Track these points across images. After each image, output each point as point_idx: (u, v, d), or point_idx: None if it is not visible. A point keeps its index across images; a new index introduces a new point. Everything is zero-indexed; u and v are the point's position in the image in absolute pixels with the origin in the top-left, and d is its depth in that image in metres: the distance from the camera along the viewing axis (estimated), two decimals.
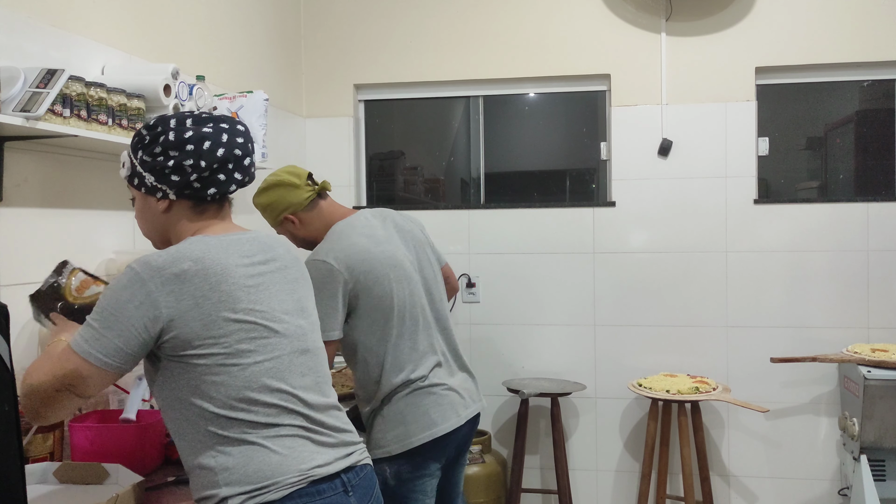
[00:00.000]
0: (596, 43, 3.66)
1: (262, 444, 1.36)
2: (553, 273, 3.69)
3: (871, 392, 2.98)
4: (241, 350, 1.35)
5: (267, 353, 1.39)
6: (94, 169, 2.19)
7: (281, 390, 1.39)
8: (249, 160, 1.54)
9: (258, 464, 1.34)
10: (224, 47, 3.06)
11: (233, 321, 1.35)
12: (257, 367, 1.37)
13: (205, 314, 1.33)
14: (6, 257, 1.86)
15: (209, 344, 1.34)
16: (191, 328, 1.33)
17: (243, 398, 1.34)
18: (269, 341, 1.39)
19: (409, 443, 2.03)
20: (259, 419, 1.36)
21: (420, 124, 4.09)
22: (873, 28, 3.45)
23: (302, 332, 1.48)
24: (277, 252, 1.54)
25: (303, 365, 1.45)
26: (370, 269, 2.05)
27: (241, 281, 1.39)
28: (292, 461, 1.37)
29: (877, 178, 3.61)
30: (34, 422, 1.36)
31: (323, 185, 2.22)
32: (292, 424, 1.39)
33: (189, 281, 1.34)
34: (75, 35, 2.13)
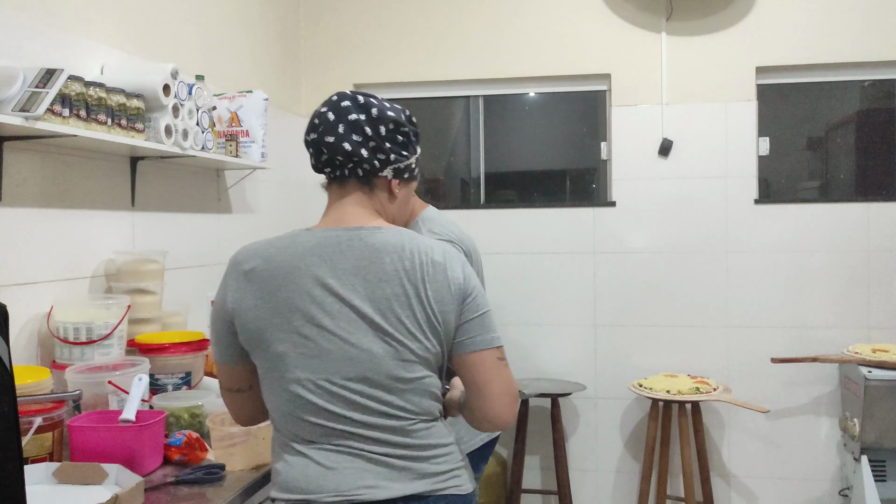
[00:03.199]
0: (596, 42, 3.66)
1: (309, 455, 1.33)
2: (553, 273, 3.69)
3: (871, 392, 2.98)
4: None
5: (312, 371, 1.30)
6: (93, 169, 2.19)
7: (327, 410, 1.31)
8: (310, 151, 1.58)
9: (298, 474, 1.33)
10: (224, 47, 3.05)
11: (284, 331, 1.30)
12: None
13: (260, 318, 1.32)
14: (6, 257, 1.86)
15: (261, 349, 1.32)
16: (247, 330, 1.32)
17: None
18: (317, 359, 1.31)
19: (472, 444, 2.02)
20: (304, 434, 1.33)
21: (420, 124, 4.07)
22: (874, 28, 3.45)
23: (368, 358, 1.31)
24: (378, 261, 1.33)
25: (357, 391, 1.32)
26: (474, 260, 2.05)
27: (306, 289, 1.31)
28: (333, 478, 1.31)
29: (877, 177, 3.61)
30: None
31: None
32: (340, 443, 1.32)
33: (253, 281, 1.35)
34: (74, 35, 2.12)
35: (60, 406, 1.64)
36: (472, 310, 1.35)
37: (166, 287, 2.33)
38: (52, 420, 1.60)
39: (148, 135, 2.17)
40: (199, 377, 2.16)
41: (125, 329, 2.01)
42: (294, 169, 3.77)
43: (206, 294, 2.85)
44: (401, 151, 1.41)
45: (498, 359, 1.35)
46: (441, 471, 1.36)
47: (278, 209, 3.55)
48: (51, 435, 1.61)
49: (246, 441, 1.70)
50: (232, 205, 3.08)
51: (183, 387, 2.08)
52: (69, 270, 2.08)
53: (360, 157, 1.37)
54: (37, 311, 1.95)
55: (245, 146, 2.81)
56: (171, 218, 2.62)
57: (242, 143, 2.81)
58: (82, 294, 2.12)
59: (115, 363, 1.87)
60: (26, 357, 1.92)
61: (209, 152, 2.50)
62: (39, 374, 1.69)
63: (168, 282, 2.36)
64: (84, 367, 1.83)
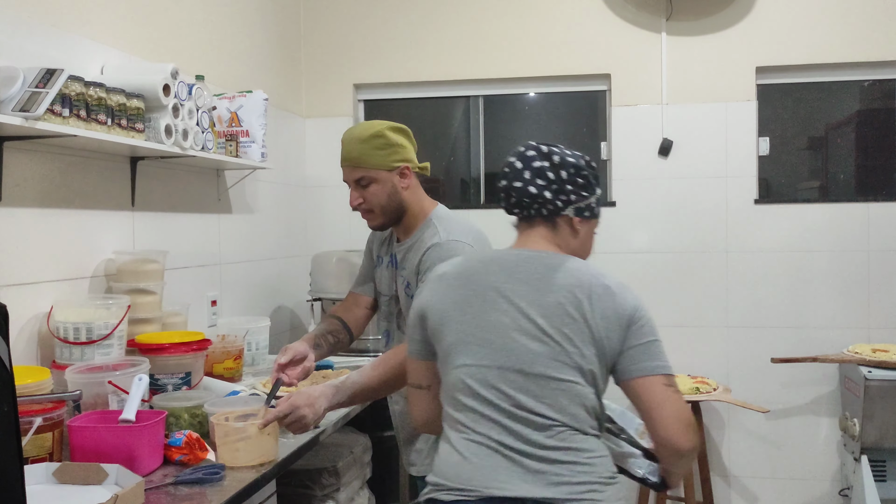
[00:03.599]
0: (596, 42, 3.66)
1: (454, 443, 1.46)
2: None
3: (871, 392, 2.98)
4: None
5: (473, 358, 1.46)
6: (93, 169, 2.19)
7: (480, 395, 1.44)
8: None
9: (442, 461, 1.47)
10: (224, 47, 3.06)
11: (458, 322, 1.49)
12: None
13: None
14: (6, 257, 1.86)
15: (440, 339, 1.52)
16: (432, 323, 1.52)
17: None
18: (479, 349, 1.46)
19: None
20: (459, 417, 1.46)
21: (420, 124, 4.08)
22: (873, 28, 3.45)
23: (525, 352, 1.43)
24: (551, 276, 1.48)
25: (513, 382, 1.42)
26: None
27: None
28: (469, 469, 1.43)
29: (877, 177, 3.61)
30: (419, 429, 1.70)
31: (426, 165, 2.04)
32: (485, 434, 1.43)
33: (442, 281, 1.55)
34: (74, 35, 2.12)
35: (60, 406, 1.64)
36: (637, 336, 1.44)
37: (166, 287, 2.33)
38: (52, 420, 1.60)
39: (148, 135, 2.17)
40: (199, 377, 2.16)
41: (125, 329, 2.01)
42: (294, 169, 3.77)
43: (207, 294, 2.85)
44: (581, 192, 1.57)
45: (665, 385, 1.43)
46: (578, 481, 1.39)
47: (278, 209, 3.55)
48: (51, 435, 1.61)
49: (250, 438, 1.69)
50: (232, 205, 3.08)
51: (183, 387, 2.08)
52: (69, 270, 2.08)
53: (545, 199, 1.54)
54: (37, 312, 1.95)
55: (245, 146, 2.81)
56: (171, 218, 2.62)
57: (242, 143, 2.81)
58: (82, 294, 2.12)
59: (115, 363, 1.87)
60: (26, 357, 1.92)
61: (209, 152, 2.50)
62: (39, 375, 1.69)
63: (168, 282, 2.36)
64: (84, 367, 1.83)
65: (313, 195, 3.91)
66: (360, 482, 2.77)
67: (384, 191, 1.95)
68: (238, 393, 2.12)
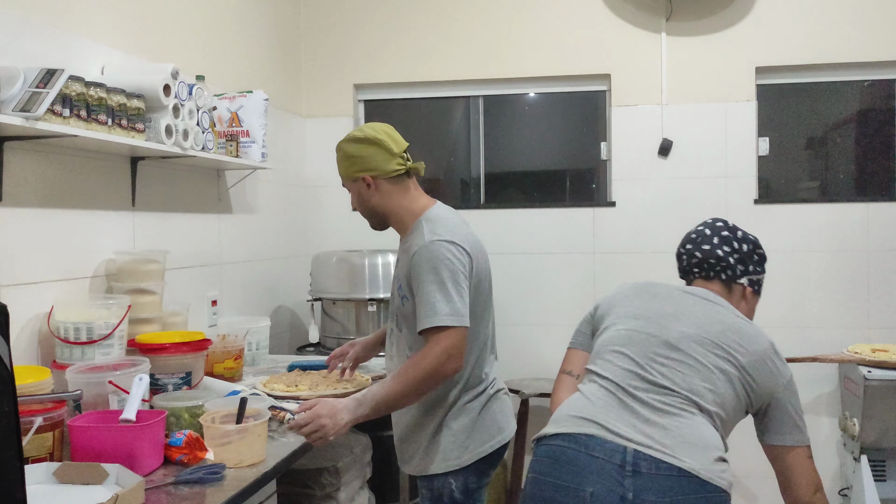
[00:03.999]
0: (596, 43, 3.66)
1: (580, 391, 1.73)
2: (553, 273, 3.69)
3: (871, 392, 2.98)
4: None
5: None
6: (93, 169, 2.19)
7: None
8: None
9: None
10: (224, 47, 3.06)
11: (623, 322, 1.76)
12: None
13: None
14: (6, 257, 1.86)
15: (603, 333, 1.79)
16: (600, 319, 1.87)
17: None
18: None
19: (481, 451, 1.93)
20: (595, 369, 1.71)
21: (420, 124, 4.08)
22: (873, 28, 3.45)
23: (679, 333, 1.65)
24: (720, 312, 1.71)
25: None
26: (481, 261, 1.96)
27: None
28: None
29: (877, 178, 3.61)
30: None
31: (416, 166, 2.04)
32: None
33: (627, 289, 1.86)
34: (75, 35, 2.13)
35: (61, 406, 1.64)
36: (787, 400, 1.64)
37: (167, 287, 2.33)
38: (52, 420, 1.61)
39: (148, 135, 2.18)
40: (199, 377, 2.16)
41: (125, 329, 2.02)
42: (294, 169, 3.77)
43: (207, 294, 2.85)
44: (756, 267, 1.81)
45: (807, 457, 1.63)
46: (676, 436, 1.53)
47: (278, 209, 3.55)
48: (51, 435, 1.61)
49: (242, 438, 1.70)
50: (232, 205, 3.08)
51: (183, 386, 2.08)
52: (70, 270, 2.08)
53: (728, 263, 1.77)
54: (37, 311, 1.96)
55: (245, 146, 2.82)
56: (172, 218, 2.63)
57: (243, 143, 2.81)
58: (83, 294, 2.13)
59: (115, 363, 1.87)
60: (27, 357, 1.92)
61: (209, 152, 2.50)
62: (40, 374, 1.69)
63: (168, 282, 2.36)
64: (84, 366, 1.83)
65: (313, 195, 3.91)
66: (360, 482, 2.77)
67: (355, 198, 2.04)
68: (238, 393, 2.12)
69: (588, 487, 1.48)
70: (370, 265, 3.20)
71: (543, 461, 1.59)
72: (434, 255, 1.82)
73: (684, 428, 1.54)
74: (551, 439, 1.61)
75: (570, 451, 1.54)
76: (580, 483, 1.49)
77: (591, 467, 1.50)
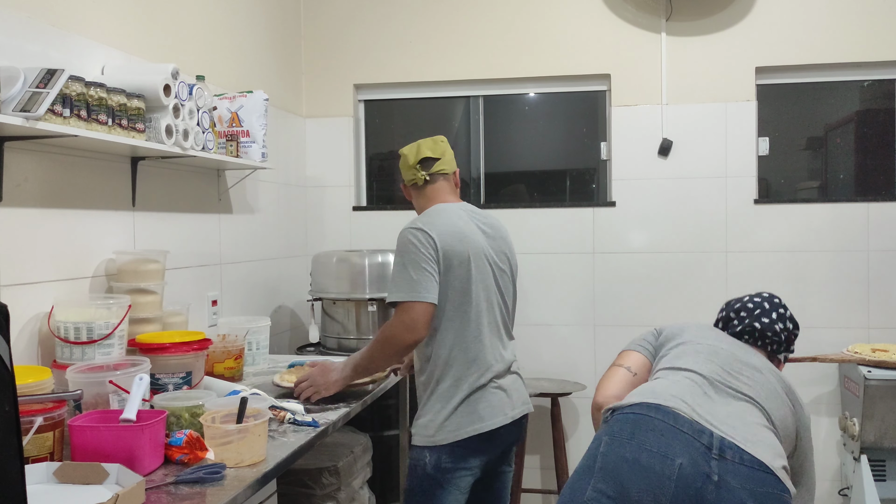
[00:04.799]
0: (596, 43, 3.66)
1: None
2: (553, 273, 3.69)
3: (871, 392, 2.98)
4: None
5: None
6: (94, 169, 2.19)
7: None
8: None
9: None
10: (224, 47, 3.06)
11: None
12: None
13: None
14: (6, 257, 1.86)
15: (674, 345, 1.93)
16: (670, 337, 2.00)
17: None
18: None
19: (455, 435, 2.05)
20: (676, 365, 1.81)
21: (420, 124, 4.08)
22: (873, 28, 3.45)
23: (749, 367, 1.78)
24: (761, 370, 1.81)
25: None
26: (460, 252, 2.07)
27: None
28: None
29: (877, 178, 3.61)
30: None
31: (434, 171, 2.26)
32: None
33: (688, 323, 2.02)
34: (75, 35, 2.13)
35: (61, 406, 1.64)
36: (806, 446, 1.78)
37: (167, 287, 2.34)
38: (52, 420, 1.61)
39: (148, 135, 2.18)
40: (199, 377, 2.16)
41: (126, 329, 2.02)
42: (294, 169, 3.78)
43: (207, 294, 2.85)
44: (791, 347, 1.96)
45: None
46: (745, 425, 1.61)
47: (278, 209, 3.55)
48: (51, 434, 1.61)
49: (242, 438, 1.70)
50: (232, 205, 3.08)
51: (183, 386, 2.08)
52: (70, 270, 2.08)
53: (780, 340, 1.92)
54: (38, 311, 1.96)
55: (245, 146, 2.82)
56: (172, 218, 2.63)
57: (243, 143, 2.81)
58: (83, 294, 2.13)
59: (115, 363, 1.87)
60: (27, 357, 1.92)
61: (210, 152, 2.50)
62: (40, 374, 1.69)
63: (168, 281, 2.36)
64: (85, 366, 1.83)
65: (313, 195, 3.91)
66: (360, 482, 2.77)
67: (410, 197, 2.36)
68: (239, 392, 2.12)
69: (677, 458, 1.48)
70: (370, 265, 3.20)
71: (624, 425, 1.57)
72: (401, 241, 2.08)
73: (760, 433, 1.59)
74: (633, 408, 1.61)
75: (657, 420, 1.55)
76: (668, 451, 1.49)
77: (679, 439, 1.51)
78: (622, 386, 1.86)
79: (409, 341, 2.02)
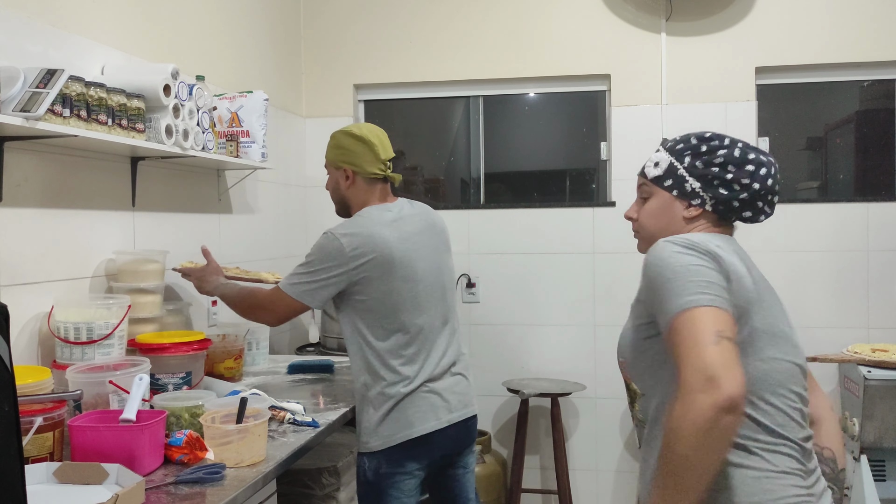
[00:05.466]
0: (596, 43, 3.66)
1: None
2: (553, 273, 3.69)
3: (871, 392, 2.98)
4: None
5: None
6: (93, 169, 2.19)
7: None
8: (776, 199, 1.58)
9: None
10: (224, 47, 3.06)
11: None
12: None
13: None
14: (6, 257, 1.86)
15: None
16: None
17: None
18: None
19: (386, 441, 2.06)
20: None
21: (420, 124, 4.08)
22: (873, 28, 3.45)
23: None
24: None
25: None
26: (384, 262, 2.05)
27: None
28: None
29: (877, 178, 3.61)
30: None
31: (393, 176, 2.22)
32: None
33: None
34: (75, 35, 2.13)
35: (61, 406, 1.64)
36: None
37: (167, 287, 2.33)
38: (52, 420, 1.61)
39: (148, 135, 2.18)
40: (199, 377, 2.16)
41: (126, 329, 2.02)
42: (294, 169, 3.77)
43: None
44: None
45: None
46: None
47: (278, 209, 3.55)
48: (51, 435, 1.61)
49: (242, 438, 1.70)
50: (232, 205, 3.08)
51: (183, 386, 2.08)
52: (70, 270, 2.08)
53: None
54: (37, 311, 1.96)
55: (245, 146, 2.82)
56: (172, 218, 2.63)
57: (243, 143, 2.81)
58: (83, 294, 2.13)
59: (115, 363, 1.87)
60: (27, 357, 1.92)
61: (209, 152, 2.50)
62: (40, 374, 1.69)
63: (168, 282, 2.36)
64: (85, 366, 1.83)
65: (313, 195, 3.91)
66: None
67: (331, 183, 2.28)
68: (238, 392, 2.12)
69: None
70: None
71: None
72: (318, 242, 2.13)
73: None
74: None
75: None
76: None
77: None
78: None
79: (261, 321, 2.22)
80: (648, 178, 1.52)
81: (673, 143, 1.52)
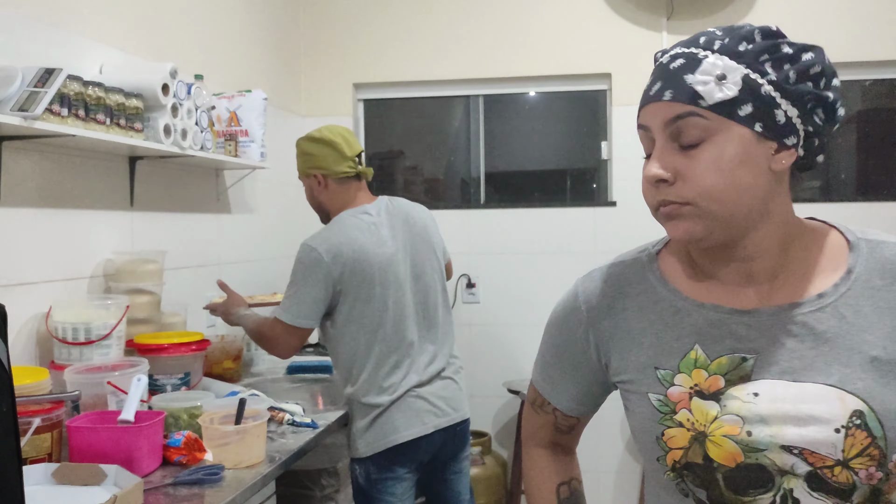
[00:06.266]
0: (597, 42, 3.66)
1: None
2: (553, 273, 3.68)
3: None
4: None
5: None
6: (92, 168, 2.18)
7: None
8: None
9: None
10: (223, 46, 3.05)
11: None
12: None
13: None
14: (4, 257, 1.85)
15: None
16: None
17: None
18: None
19: (372, 447, 2.08)
20: None
21: (420, 124, 4.08)
22: (874, 27, 3.44)
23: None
24: None
25: None
26: (361, 269, 2.06)
27: None
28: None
29: (879, 177, 3.61)
30: None
31: (364, 171, 2.22)
32: None
33: None
34: (73, 34, 2.12)
35: (59, 406, 1.63)
36: None
37: (165, 287, 2.33)
38: (50, 421, 1.60)
39: (147, 134, 2.17)
40: (198, 377, 2.15)
41: (124, 329, 2.01)
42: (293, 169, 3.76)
43: (206, 294, 2.84)
44: None
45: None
46: None
47: (277, 209, 3.54)
48: (49, 435, 1.60)
49: (241, 439, 1.69)
50: (231, 205, 3.08)
51: (182, 387, 2.07)
52: (68, 270, 2.07)
53: None
54: (35, 312, 1.95)
55: (244, 146, 2.81)
56: (170, 218, 2.62)
57: (241, 142, 2.81)
58: (81, 294, 2.12)
59: (113, 363, 1.86)
60: (25, 357, 1.91)
61: (208, 152, 2.49)
62: (38, 375, 1.68)
63: (167, 282, 2.35)
64: (83, 367, 1.82)
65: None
66: None
67: (308, 192, 2.29)
68: (237, 393, 2.11)
69: None
70: None
71: None
72: (297, 257, 2.10)
73: None
74: None
75: None
76: None
77: None
78: None
79: (273, 353, 2.20)
80: (710, 103, 0.89)
81: (729, 40, 0.92)
